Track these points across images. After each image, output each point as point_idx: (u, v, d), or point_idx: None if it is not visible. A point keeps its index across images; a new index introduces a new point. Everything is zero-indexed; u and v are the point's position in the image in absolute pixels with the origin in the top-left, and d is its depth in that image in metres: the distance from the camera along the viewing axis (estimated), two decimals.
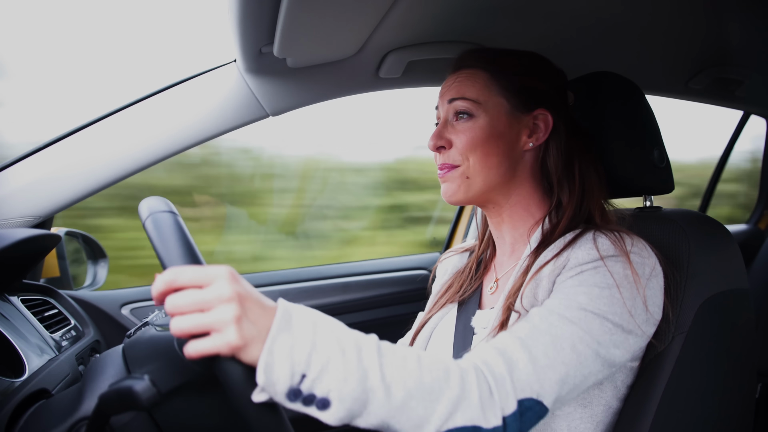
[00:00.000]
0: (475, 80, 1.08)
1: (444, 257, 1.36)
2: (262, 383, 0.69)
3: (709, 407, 1.02)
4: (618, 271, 0.91)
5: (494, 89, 1.08)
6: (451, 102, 1.09)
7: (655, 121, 1.19)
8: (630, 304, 0.90)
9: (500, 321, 0.99)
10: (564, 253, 0.97)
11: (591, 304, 0.88)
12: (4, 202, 1.33)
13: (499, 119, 1.07)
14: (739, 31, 1.52)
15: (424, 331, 1.20)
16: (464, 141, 1.07)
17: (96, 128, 1.40)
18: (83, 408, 0.95)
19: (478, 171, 1.07)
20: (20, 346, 1.12)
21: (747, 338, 1.06)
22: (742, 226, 3.27)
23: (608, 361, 0.89)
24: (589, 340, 0.86)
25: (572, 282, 0.92)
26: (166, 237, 0.74)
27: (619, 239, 0.95)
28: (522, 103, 1.08)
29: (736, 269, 1.07)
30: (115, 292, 1.79)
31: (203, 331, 0.69)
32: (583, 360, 0.86)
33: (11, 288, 1.33)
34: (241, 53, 1.31)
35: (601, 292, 0.89)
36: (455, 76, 1.11)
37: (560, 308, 0.89)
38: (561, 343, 0.85)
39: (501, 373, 0.81)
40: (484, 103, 1.07)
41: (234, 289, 0.70)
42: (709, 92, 1.94)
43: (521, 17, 1.29)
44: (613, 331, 0.89)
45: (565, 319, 0.87)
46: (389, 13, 1.16)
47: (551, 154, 1.09)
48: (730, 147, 3.12)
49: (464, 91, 1.08)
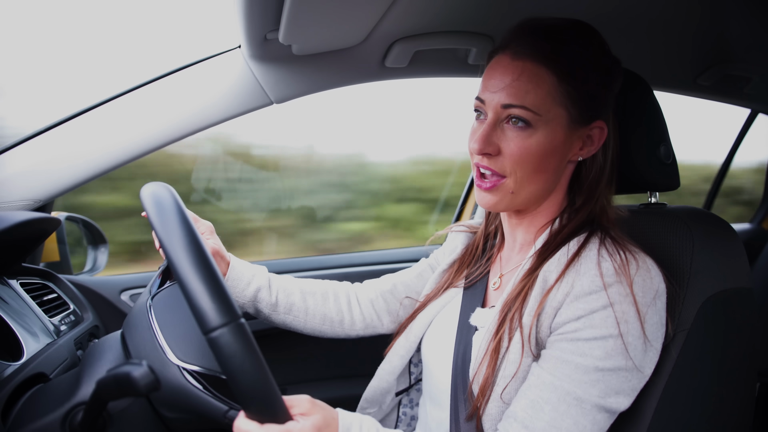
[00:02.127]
0: (538, 85, 0.94)
1: (456, 228, 1.31)
2: None
3: (709, 406, 1.01)
4: (623, 309, 0.89)
5: (558, 98, 0.95)
6: (506, 107, 0.96)
7: (662, 116, 1.17)
8: (637, 344, 0.89)
9: (496, 330, 0.98)
10: (567, 278, 0.93)
11: (606, 362, 0.88)
12: (4, 184, 1.33)
13: (556, 133, 0.96)
14: (748, 27, 1.51)
15: (427, 314, 1.18)
16: (516, 153, 0.96)
17: (98, 112, 1.39)
18: (81, 393, 0.95)
19: (524, 186, 0.99)
20: (18, 330, 1.12)
21: (748, 337, 1.05)
22: (746, 225, 3.26)
23: (620, 410, 0.91)
24: (605, 405, 0.89)
25: (584, 333, 0.90)
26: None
27: (623, 263, 0.91)
28: (582, 115, 0.98)
29: (740, 268, 1.06)
30: (115, 278, 1.79)
31: None
32: (603, 425, 0.90)
33: (10, 271, 1.33)
34: (246, 39, 1.30)
35: (615, 343, 0.88)
36: (514, 69, 0.96)
37: (577, 374, 0.89)
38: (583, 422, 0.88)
39: None
40: (545, 115, 0.95)
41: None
42: (718, 89, 1.92)
43: (529, 9, 1.28)
44: (628, 377, 0.89)
45: (580, 402, 0.88)
46: (396, 2, 1.15)
47: (591, 165, 1.03)
48: (737, 145, 3.10)
49: (525, 98, 0.94)
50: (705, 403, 1.01)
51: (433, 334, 1.15)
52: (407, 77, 1.59)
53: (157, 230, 0.72)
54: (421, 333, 1.17)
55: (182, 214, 0.74)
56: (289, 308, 1.25)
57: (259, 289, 1.23)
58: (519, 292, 0.98)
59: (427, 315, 1.18)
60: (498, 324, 0.97)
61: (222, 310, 0.67)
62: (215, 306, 0.67)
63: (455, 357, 1.05)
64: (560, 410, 0.88)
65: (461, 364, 1.02)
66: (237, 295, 1.21)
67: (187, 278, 0.68)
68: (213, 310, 0.67)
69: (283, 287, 1.26)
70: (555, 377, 0.90)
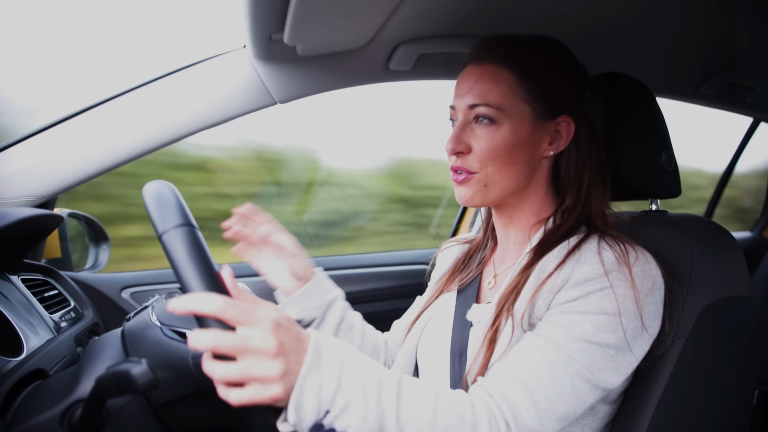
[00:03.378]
0: (499, 83, 1.01)
1: (445, 246, 1.36)
2: (292, 420, 0.71)
3: (707, 413, 1.01)
4: (622, 291, 0.90)
5: (519, 94, 1.02)
6: (472, 108, 1.03)
7: (664, 124, 1.18)
8: (632, 326, 0.90)
9: (492, 321, 0.99)
10: (568, 264, 0.95)
11: (596, 335, 0.89)
12: (7, 181, 1.33)
13: (522, 127, 1.02)
14: (751, 36, 1.51)
15: (421, 319, 1.20)
16: (484, 148, 1.02)
17: (103, 109, 1.40)
18: (80, 390, 0.95)
19: (496, 180, 1.03)
20: (19, 326, 1.12)
21: (746, 345, 1.05)
22: (747, 234, 3.26)
23: (607, 388, 0.91)
24: (589, 376, 0.88)
25: (579, 306, 0.91)
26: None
27: (623, 253, 0.94)
28: (547, 110, 1.03)
29: (739, 276, 1.06)
30: (116, 275, 1.79)
31: (246, 381, 0.70)
32: (583, 396, 0.88)
33: (12, 267, 1.33)
34: (251, 39, 1.30)
35: (607, 320, 0.89)
36: (476, 73, 1.04)
37: (564, 340, 0.89)
38: (561, 383, 0.87)
39: (510, 419, 0.84)
40: (508, 110, 1.01)
41: (279, 341, 0.71)
42: (720, 97, 1.92)
43: (534, 14, 1.28)
44: (615, 357, 0.90)
45: (567, 357, 0.88)
46: (402, 4, 1.15)
47: (567, 161, 1.07)
48: (738, 154, 3.10)
49: (487, 96, 1.01)
50: (703, 410, 1.01)
51: (428, 336, 1.16)
52: (411, 80, 1.59)
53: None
54: (417, 338, 1.18)
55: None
56: (350, 327, 1.28)
57: (336, 299, 1.26)
58: (516, 284, 1.00)
59: (421, 321, 1.20)
60: (495, 315, 0.99)
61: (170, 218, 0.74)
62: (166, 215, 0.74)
63: (452, 354, 1.06)
64: (541, 367, 0.88)
65: (458, 359, 1.04)
66: (319, 297, 1.23)
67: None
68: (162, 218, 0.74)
69: (349, 308, 1.30)
70: (542, 338, 0.91)
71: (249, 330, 0.70)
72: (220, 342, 0.69)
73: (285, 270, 1.20)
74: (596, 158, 1.07)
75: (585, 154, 1.06)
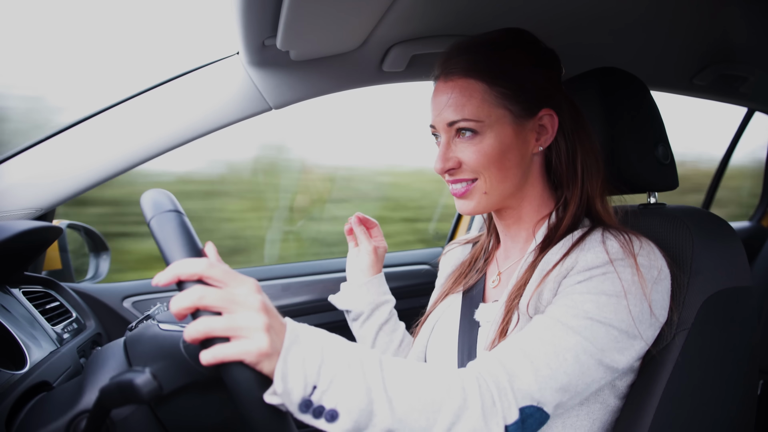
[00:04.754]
0: (471, 95, 1.01)
1: (447, 249, 1.37)
2: (280, 391, 0.70)
3: (710, 404, 1.02)
4: (626, 277, 0.90)
5: (493, 101, 1.01)
6: (451, 125, 1.03)
7: (659, 117, 1.18)
8: (637, 311, 0.90)
9: (502, 318, 0.99)
10: (572, 254, 0.96)
11: (598, 313, 0.88)
12: (6, 194, 1.33)
13: (504, 132, 1.02)
14: (744, 27, 1.51)
15: (428, 322, 1.20)
16: (474, 159, 1.02)
17: (98, 120, 1.40)
18: (84, 401, 0.95)
19: (494, 185, 1.04)
20: (21, 339, 1.12)
21: (749, 336, 1.05)
22: (745, 224, 3.26)
23: (611, 367, 0.89)
24: (592, 350, 0.87)
25: (580, 288, 0.91)
26: (172, 238, 0.74)
27: (627, 242, 0.94)
28: (525, 108, 1.03)
29: (740, 266, 1.06)
30: (117, 285, 1.79)
31: (231, 334, 0.69)
32: (586, 369, 0.87)
33: (13, 280, 1.33)
34: (244, 46, 1.30)
35: (609, 300, 0.89)
36: (447, 89, 1.03)
37: (565, 317, 0.89)
38: (564, 353, 0.86)
39: (503, 383, 0.82)
40: (487, 119, 1.01)
41: (262, 299, 0.71)
42: (714, 89, 1.93)
43: (526, 12, 1.28)
44: (618, 338, 0.89)
45: (570, 329, 0.87)
46: (393, 6, 1.15)
47: (556, 151, 1.07)
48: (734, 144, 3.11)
49: (462, 111, 1.01)
50: (707, 401, 1.01)
51: (436, 338, 1.17)
52: (405, 81, 1.59)
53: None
54: (425, 341, 1.19)
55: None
56: (393, 330, 1.35)
57: (387, 302, 1.36)
58: (524, 282, 1.00)
59: (429, 323, 1.20)
60: (504, 314, 0.99)
61: (159, 206, 0.77)
62: (156, 204, 0.77)
63: (459, 354, 1.06)
64: (543, 338, 0.87)
65: (467, 359, 1.04)
66: (372, 294, 1.34)
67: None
68: (152, 207, 0.77)
69: (396, 316, 1.38)
70: (545, 316, 0.91)
71: (234, 288, 0.71)
72: (206, 294, 0.68)
73: (365, 260, 1.35)
74: (586, 141, 1.07)
75: (574, 140, 1.06)
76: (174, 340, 0.96)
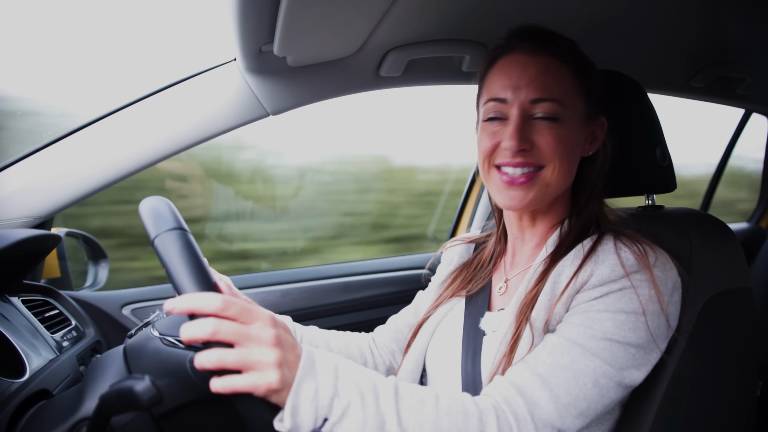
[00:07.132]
0: (562, 78, 0.96)
1: (450, 244, 1.32)
2: (288, 426, 0.70)
3: (711, 405, 1.01)
4: (644, 293, 0.89)
5: (576, 91, 0.97)
6: (535, 102, 0.95)
7: (657, 119, 1.18)
8: (654, 326, 0.89)
9: (513, 332, 0.96)
10: (586, 268, 0.93)
11: (617, 332, 0.87)
12: (4, 202, 1.33)
13: (575, 126, 0.98)
14: (740, 29, 1.52)
15: (429, 325, 1.17)
16: (553, 143, 0.95)
17: (95, 128, 1.40)
18: (84, 408, 0.95)
19: (558, 178, 0.98)
20: (21, 347, 1.12)
21: (749, 337, 1.05)
22: (744, 225, 3.27)
23: (629, 386, 0.89)
24: (611, 373, 0.86)
25: (597, 305, 0.90)
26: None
27: (642, 254, 0.92)
28: (592, 110, 1.00)
29: (739, 268, 1.06)
30: (116, 293, 1.79)
31: (242, 367, 0.69)
32: (605, 392, 0.86)
33: (12, 289, 1.33)
34: (241, 52, 1.31)
35: (627, 318, 0.88)
36: (535, 65, 0.96)
37: (583, 338, 0.87)
38: (583, 378, 0.85)
39: (522, 413, 0.81)
40: (570, 108, 0.96)
41: (276, 334, 0.71)
42: (711, 90, 1.93)
43: (523, 16, 1.29)
44: (636, 355, 0.88)
45: (588, 352, 0.86)
46: (389, 12, 1.15)
47: (592, 162, 1.04)
48: (732, 146, 3.11)
49: (552, 91, 0.95)
50: (707, 403, 1.01)
51: (437, 343, 1.13)
52: (402, 86, 1.60)
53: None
54: (425, 344, 1.15)
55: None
56: (325, 344, 1.26)
57: (302, 340, 1.23)
58: (535, 294, 0.98)
59: (429, 326, 1.17)
60: (516, 326, 0.96)
61: (160, 223, 0.75)
62: (158, 221, 0.75)
63: (463, 362, 1.04)
64: (561, 362, 0.85)
65: (471, 368, 1.01)
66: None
67: None
68: (155, 224, 0.75)
69: (306, 333, 1.26)
70: (561, 337, 0.89)
71: (248, 322, 0.70)
72: (220, 328, 0.68)
73: None
74: (611, 159, 1.06)
75: (608, 156, 1.05)
76: (179, 357, 0.96)
